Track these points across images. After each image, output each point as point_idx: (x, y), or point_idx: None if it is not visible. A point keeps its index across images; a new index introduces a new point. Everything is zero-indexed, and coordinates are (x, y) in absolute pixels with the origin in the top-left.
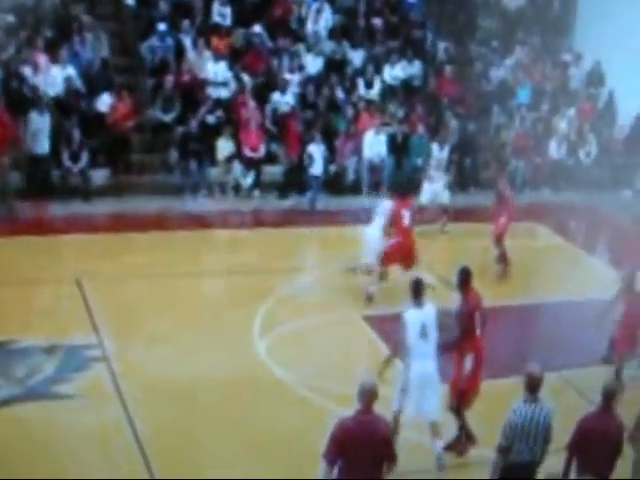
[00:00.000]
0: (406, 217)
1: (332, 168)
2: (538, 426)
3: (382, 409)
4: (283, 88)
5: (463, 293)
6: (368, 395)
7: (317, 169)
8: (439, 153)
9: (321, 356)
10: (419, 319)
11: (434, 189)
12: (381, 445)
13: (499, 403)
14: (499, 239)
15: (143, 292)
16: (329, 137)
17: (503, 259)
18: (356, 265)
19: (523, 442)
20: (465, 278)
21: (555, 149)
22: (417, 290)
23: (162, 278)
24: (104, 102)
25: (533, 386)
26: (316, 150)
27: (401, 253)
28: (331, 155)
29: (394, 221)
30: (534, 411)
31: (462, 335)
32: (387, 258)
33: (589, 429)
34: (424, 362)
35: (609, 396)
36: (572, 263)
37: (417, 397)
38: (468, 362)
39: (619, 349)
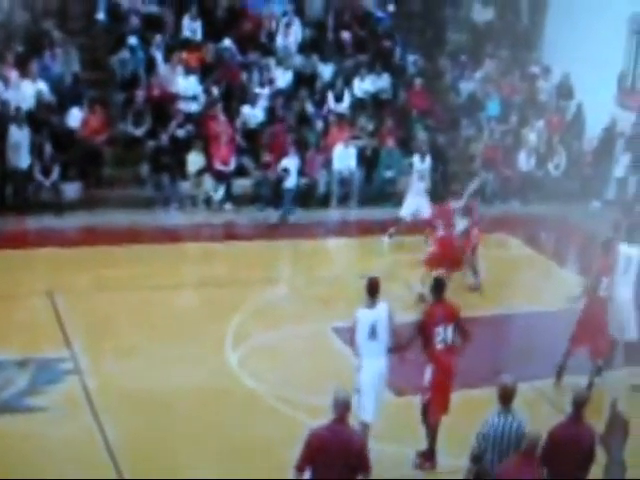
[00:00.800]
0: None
1: (302, 181)
2: (511, 437)
3: None
4: (253, 102)
5: (432, 302)
6: (342, 406)
7: (291, 182)
8: (420, 164)
9: (292, 367)
10: (370, 319)
11: (417, 202)
12: (354, 455)
13: (473, 413)
14: (474, 251)
15: (116, 305)
16: (299, 150)
17: (475, 270)
18: None
19: (496, 452)
20: (435, 288)
21: (524, 161)
22: (371, 290)
23: (134, 291)
24: (75, 117)
25: (506, 397)
26: (291, 163)
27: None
28: (301, 168)
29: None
30: (507, 422)
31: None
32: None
33: (560, 438)
34: (373, 361)
35: (579, 404)
36: (542, 274)
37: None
38: (428, 374)
39: (570, 347)
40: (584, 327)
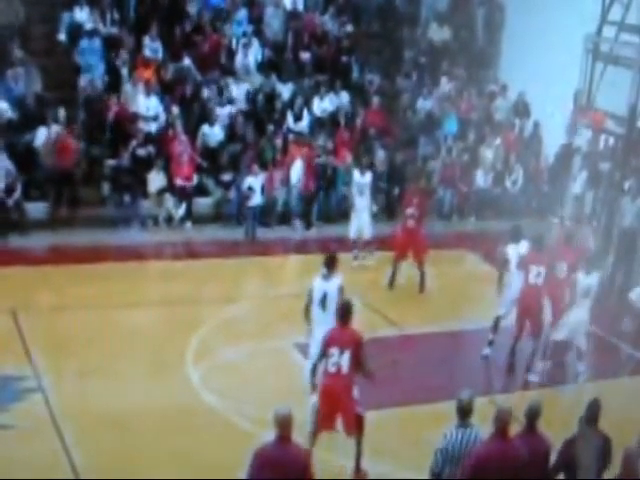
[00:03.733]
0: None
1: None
2: (469, 451)
3: None
4: (212, 121)
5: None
6: (283, 423)
7: (256, 200)
8: (361, 178)
9: (254, 384)
10: (322, 289)
11: (360, 223)
12: (298, 473)
13: (440, 426)
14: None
15: (79, 323)
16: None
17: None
18: None
19: (454, 466)
20: (341, 311)
21: (481, 178)
22: (329, 263)
23: (97, 310)
24: (40, 137)
25: (464, 411)
26: (255, 181)
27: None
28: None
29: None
30: (465, 436)
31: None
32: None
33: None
34: (322, 330)
35: (533, 416)
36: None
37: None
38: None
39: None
40: (521, 316)
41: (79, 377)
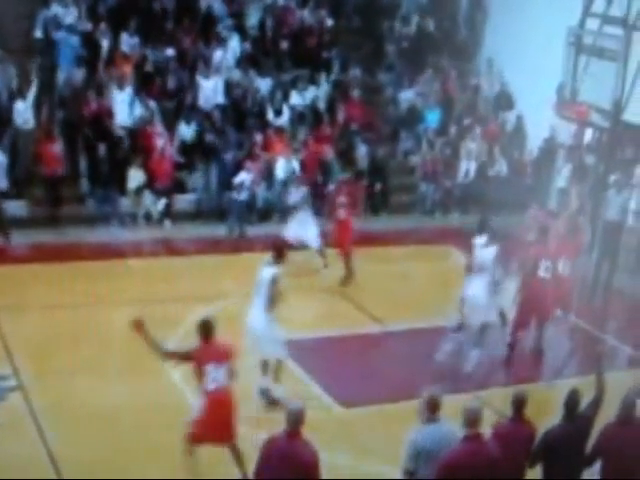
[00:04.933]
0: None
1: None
2: (441, 446)
3: None
4: (189, 117)
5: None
6: (294, 418)
7: (244, 195)
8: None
9: (236, 381)
10: (260, 275)
11: (301, 226)
12: (306, 468)
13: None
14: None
15: (59, 322)
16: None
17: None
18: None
19: (429, 463)
20: (202, 329)
21: (464, 172)
22: (276, 253)
23: (77, 308)
24: (21, 111)
25: (434, 407)
26: (246, 177)
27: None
28: None
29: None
30: (435, 430)
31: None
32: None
33: (500, 436)
34: (253, 312)
35: (519, 404)
36: None
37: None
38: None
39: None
40: (527, 308)
41: (61, 376)
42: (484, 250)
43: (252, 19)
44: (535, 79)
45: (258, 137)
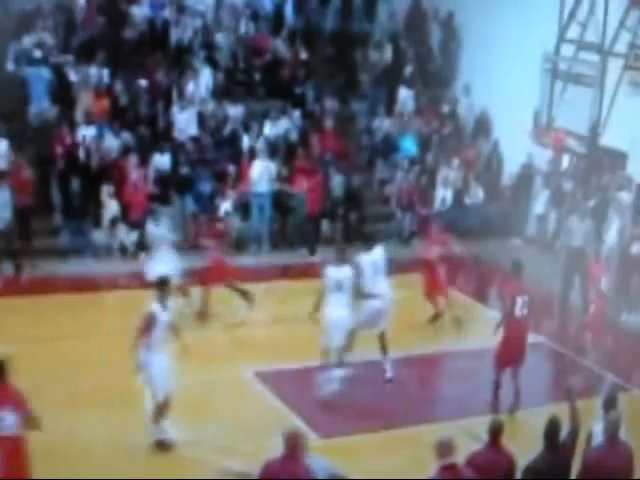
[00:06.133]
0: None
1: None
2: None
3: None
4: (162, 148)
5: None
6: (291, 441)
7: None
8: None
9: (211, 412)
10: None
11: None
12: None
13: (400, 452)
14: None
15: (26, 356)
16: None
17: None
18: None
19: None
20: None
21: (440, 200)
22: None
23: (49, 341)
24: None
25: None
26: (229, 207)
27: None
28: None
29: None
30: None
31: None
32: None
33: (477, 465)
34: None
35: (496, 431)
36: (463, 312)
37: None
38: None
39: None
40: (509, 349)
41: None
42: (340, 271)
43: (224, 49)
44: (511, 106)
45: (231, 168)
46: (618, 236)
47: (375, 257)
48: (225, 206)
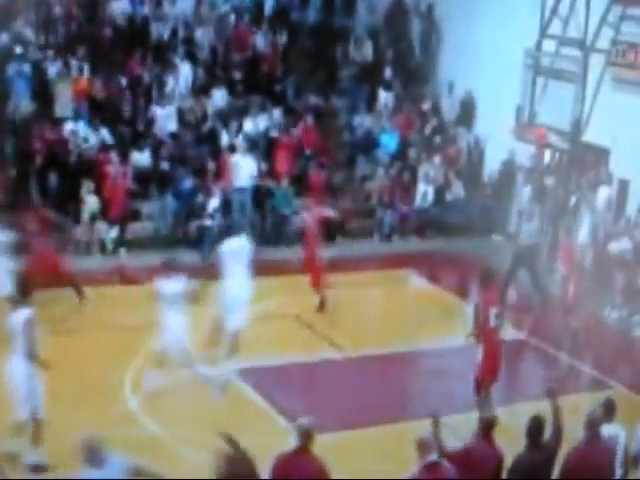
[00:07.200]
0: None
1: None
2: None
3: None
4: (140, 145)
5: None
6: (303, 434)
7: (217, 221)
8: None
9: (195, 410)
10: None
11: None
12: None
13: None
14: None
15: None
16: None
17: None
18: None
19: None
20: None
21: (422, 196)
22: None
23: None
24: None
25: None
26: (215, 203)
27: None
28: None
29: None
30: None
31: None
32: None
33: (468, 458)
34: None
35: (489, 425)
36: (444, 309)
37: None
38: None
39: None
40: (490, 367)
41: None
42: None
43: (204, 45)
44: (493, 102)
45: (211, 164)
46: (590, 234)
47: (234, 247)
48: (213, 203)
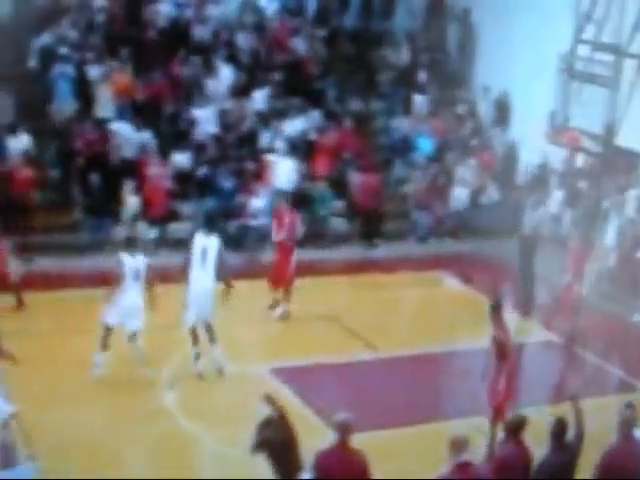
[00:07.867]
0: None
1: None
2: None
3: None
4: (182, 146)
5: None
6: (342, 429)
7: (261, 222)
8: None
9: (228, 409)
10: None
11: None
12: (358, 475)
13: (412, 448)
14: None
15: (45, 350)
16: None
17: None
18: None
19: None
20: None
21: (457, 199)
22: None
23: (64, 336)
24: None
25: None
26: (259, 203)
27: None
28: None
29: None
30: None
31: None
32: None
33: (503, 459)
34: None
35: (518, 426)
36: (477, 311)
37: None
38: None
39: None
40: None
41: (46, 407)
42: (136, 260)
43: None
44: (527, 105)
45: (251, 165)
46: (617, 237)
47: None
48: (257, 203)
